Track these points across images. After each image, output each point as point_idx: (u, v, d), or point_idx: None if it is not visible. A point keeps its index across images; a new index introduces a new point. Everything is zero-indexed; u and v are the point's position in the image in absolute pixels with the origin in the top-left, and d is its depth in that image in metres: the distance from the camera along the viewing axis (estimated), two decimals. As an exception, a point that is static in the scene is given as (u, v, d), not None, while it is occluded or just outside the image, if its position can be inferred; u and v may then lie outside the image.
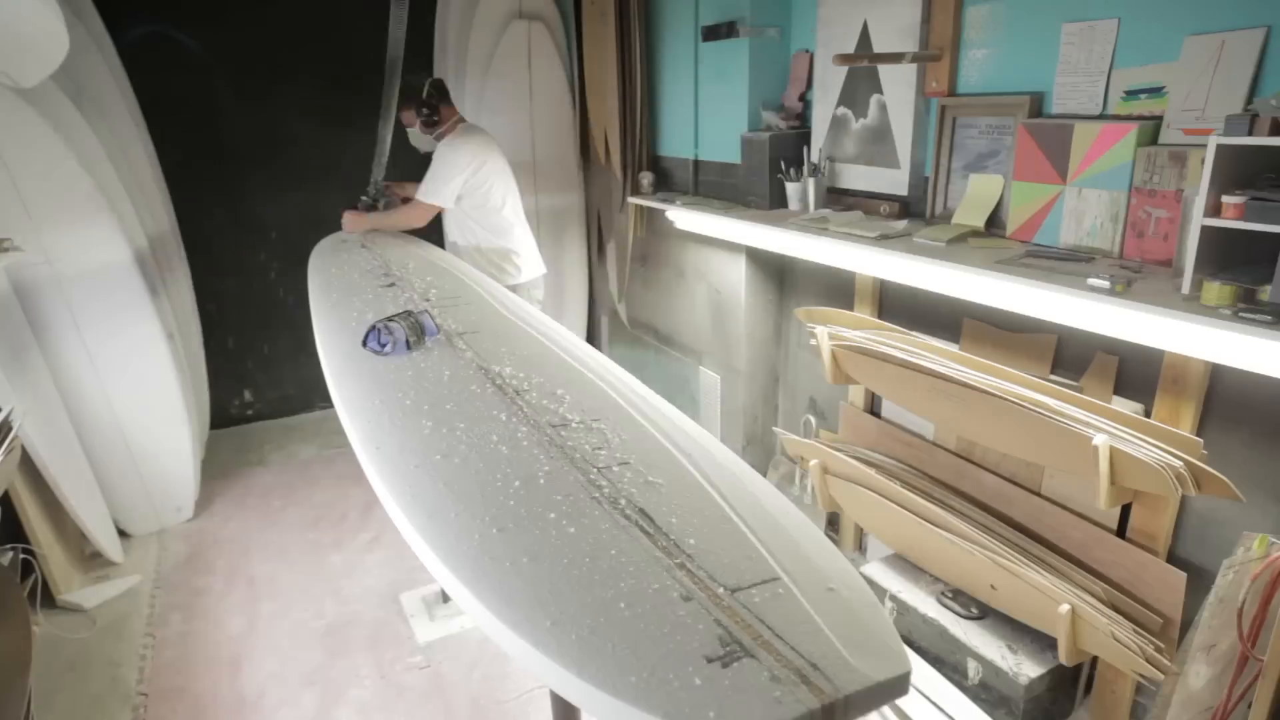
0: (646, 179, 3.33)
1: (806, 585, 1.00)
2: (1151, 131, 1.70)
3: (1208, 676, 1.43)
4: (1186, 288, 1.47)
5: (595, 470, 1.28)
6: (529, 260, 3.19)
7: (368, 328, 1.88)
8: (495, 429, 1.44)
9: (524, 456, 1.33)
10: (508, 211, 3.11)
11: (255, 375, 4.20)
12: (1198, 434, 1.64)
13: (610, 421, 1.46)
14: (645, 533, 1.11)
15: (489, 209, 3.06)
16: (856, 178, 2.50)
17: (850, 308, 2.50)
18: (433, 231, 3.31)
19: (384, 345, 1.84)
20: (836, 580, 1.02)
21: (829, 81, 2.52)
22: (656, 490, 1.22)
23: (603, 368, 1.75)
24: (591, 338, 4.35)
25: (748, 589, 0.99)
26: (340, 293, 2.38)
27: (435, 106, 3.00)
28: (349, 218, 3.15)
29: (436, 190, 2.98)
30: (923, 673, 2.10)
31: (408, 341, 1.86)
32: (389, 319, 1.88)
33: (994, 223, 2.06)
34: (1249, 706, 1.34)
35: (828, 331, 2.28)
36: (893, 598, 2.18)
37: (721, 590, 0.98)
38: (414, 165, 3.45)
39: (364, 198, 3.21)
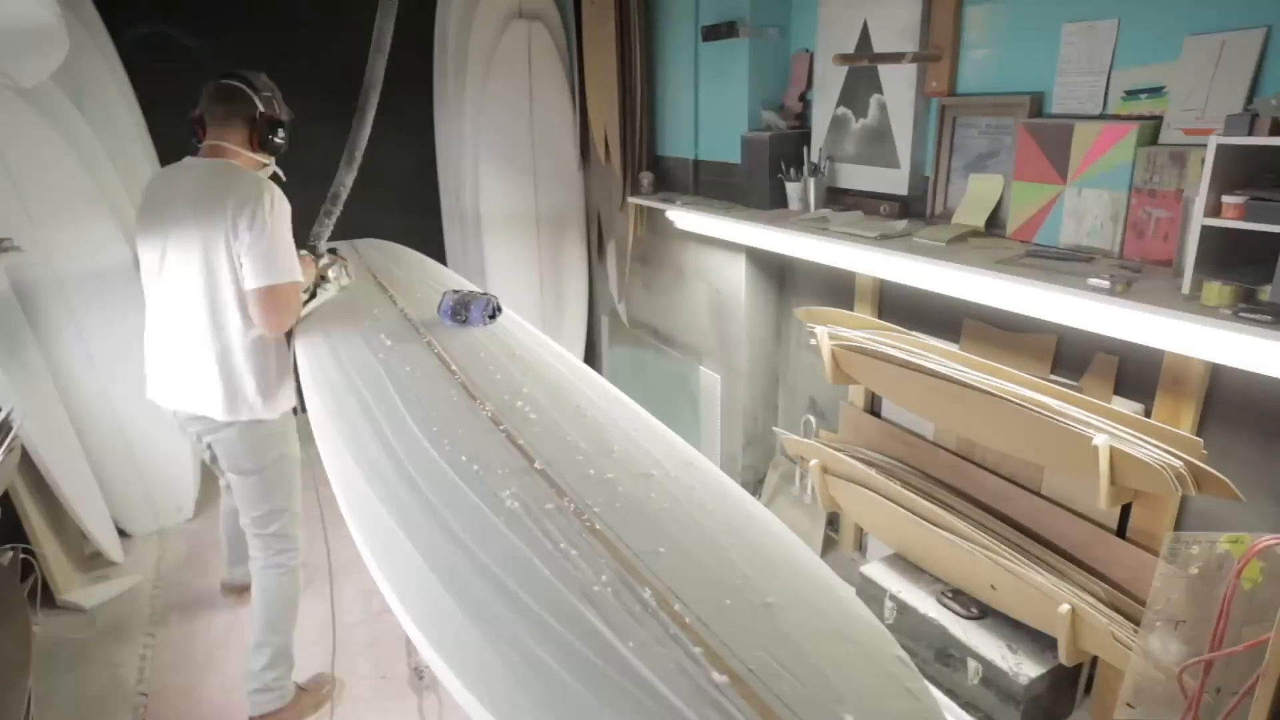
0: (646, 179, 3.33)
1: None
2: (1151, 131, 1.70)
3: (1180, 654, 1.45)
4: (1186, 288, 1.47)
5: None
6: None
7: (451, 302, 2.08)
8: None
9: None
10: None
11: (255, 375, 4.19)
12: (1198, 434, 1.64)
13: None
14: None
15: None
16: (856, 178, 2.50)
17: (850, 308, 2.50)
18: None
19: (461, 318, 2.07)
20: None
21: (829, 81, 2.52)
22: None
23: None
24: (591, 338, 4.35)
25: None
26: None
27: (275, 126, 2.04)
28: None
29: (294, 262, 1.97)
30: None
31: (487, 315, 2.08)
32: (468, 295, 2.09)
33: (994, 223, 2.06)
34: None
35: (828, 331, 2.28)
36: (892, 598, 2.18)
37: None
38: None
39: (323, 254, 2.38)
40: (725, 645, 0.93)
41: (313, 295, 2.26)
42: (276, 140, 2.07)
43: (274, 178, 2.09)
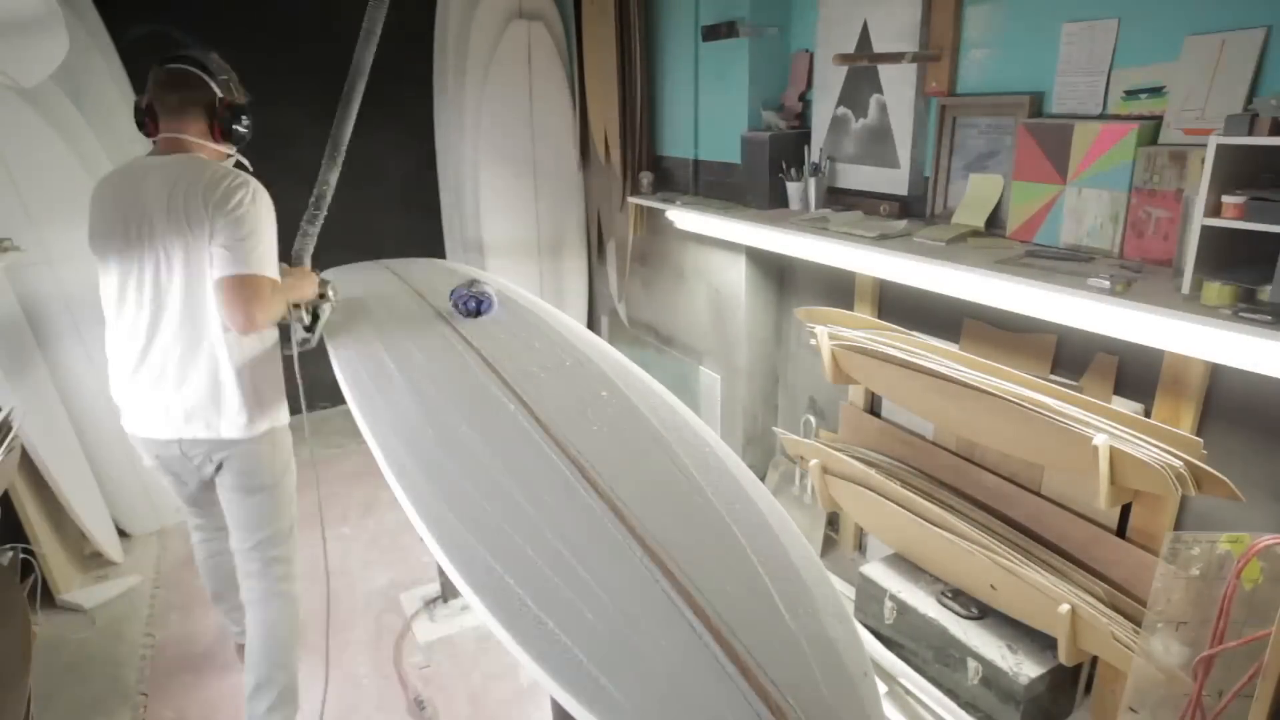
0: (646, 179, 3.33)
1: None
2: (1151, 131, 1.70)
3: (1182, 656, 1.45)
4: (1186, 288, 1.47)
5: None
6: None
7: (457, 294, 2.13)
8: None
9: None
10: None
11: (255, 375, 4.19)
12: (1198, 434, 1.64)
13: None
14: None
15: None
16: (856, 177, 2.50)
17: (850, 308, 2.50)
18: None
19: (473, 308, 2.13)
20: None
21: (829, 81, 2.52)
22: None
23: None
24: (591, 338, 4.34)
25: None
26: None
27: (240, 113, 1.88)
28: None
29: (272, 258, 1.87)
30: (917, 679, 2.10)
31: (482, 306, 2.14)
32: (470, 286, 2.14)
33: (994, 222, 2.06)
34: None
35: (828, 331, 2.29)
36: (892, 598, 2.18)
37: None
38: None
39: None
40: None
41: (315, 316, 2.10)
42: (241, 128, 1.86)
43: (239, 166, 1.89)
